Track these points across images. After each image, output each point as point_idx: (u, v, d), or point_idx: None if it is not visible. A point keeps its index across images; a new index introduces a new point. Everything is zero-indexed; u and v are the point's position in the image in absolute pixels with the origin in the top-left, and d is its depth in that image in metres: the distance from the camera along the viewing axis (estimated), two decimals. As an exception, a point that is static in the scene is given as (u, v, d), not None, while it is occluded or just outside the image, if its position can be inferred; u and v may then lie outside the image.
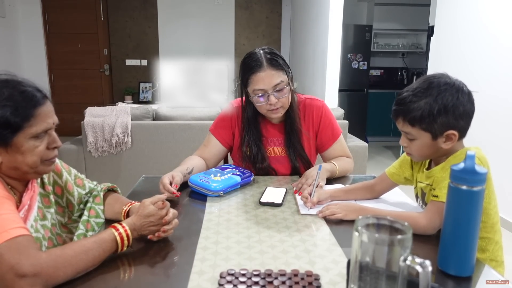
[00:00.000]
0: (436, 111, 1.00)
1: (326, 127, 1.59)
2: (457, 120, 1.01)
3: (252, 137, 1.55)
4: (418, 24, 5.94)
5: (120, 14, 6.15)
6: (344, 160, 1.59)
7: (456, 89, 1.01)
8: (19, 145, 0.90)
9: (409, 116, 1.03)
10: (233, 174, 1.43)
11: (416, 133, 1.05)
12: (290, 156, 1.57)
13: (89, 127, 2.98)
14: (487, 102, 3.05)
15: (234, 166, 1.53)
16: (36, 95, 0.92)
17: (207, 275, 0.85)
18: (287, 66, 1.47)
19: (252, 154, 1.55)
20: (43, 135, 0.93)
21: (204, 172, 1.44)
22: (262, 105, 1.46)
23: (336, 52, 4.07)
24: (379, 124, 5.79)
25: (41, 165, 0.95)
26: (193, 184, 1.38)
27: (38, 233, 0.96)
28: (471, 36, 3.27)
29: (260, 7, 6.35)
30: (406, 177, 1.25)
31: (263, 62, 1.41)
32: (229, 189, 1.36)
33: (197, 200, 1.33)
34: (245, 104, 1.56)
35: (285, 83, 1.43)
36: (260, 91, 1.42)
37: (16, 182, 0.97)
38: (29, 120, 0.89)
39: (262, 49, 1.46)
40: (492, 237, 1.09)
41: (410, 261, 0.63)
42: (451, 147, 1.05)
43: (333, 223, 1.13)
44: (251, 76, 1.42)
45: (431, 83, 1.02)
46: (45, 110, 0.93)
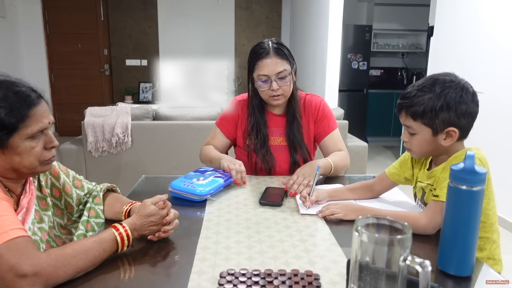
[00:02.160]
0: (439, 107, 1.01)
1: (323, 118, 1.66)
2: (458, 118, 1.02)
3: (256, 121, 1.63)
4: (418, 24, 5.94)
5: (120, 14, 6.15)
6: (339, 155, 1.62)
7: (461, 87, 1.02)
8: (15, 146, 0.89)
9: (411, 110, 1.06)
10: (215, 177, 1.39)
11: (417, 127, 1.07)
12: (289, 147, 1.63)
13: (89, 127, 2.98)
14: (486, 102, 3.04)
15: (212, 169, 1.49)
16: (31, 95, 0.91)
17: (207, 275, 0.85)
18: (292, 58, 1.56)
19: (256, 138, 1.62)
20: (39, 135, 0.93)
21: (184, 177, 1.40)
22: (265, 90, 1.53)
23: (336, 52, 4.08)
24: (379, 124, 5.79)
25: (39, 166, 0.95)
26: (175, 190, 1.32)
27: (36, 236, 0.95)
28: (470, 36, 3.27)
29: (260, 7, 6.35)
30: (406, 177, 1.26)
31: (269, 50, 1.51)
32: (213, 192, 1.32)
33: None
34: (252, 94, 1.64)
35: (288, 72, 1.51)
36: (264, 77, 1.51)
37: (14, 184, 0.96)
38: (24, 121, 0.89)
39: (270, 40, 1.56)
40: (490, 236, 1.10)
41: (410, 261, 0.63)
42: (450, 145, 1.06)
43: (333, 223, 1.13)
44: (257, 62, 1.52)
45: (436, 80, 1.04)
46: (40, 110, 0.92)
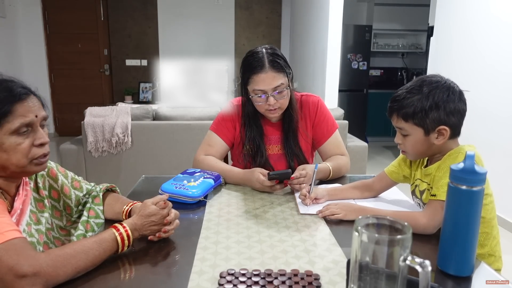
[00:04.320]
0: (428, 107, 1.05)
1: (321, 122, 1.61)
2: (448, 116, 1.05)
3: (253, 132, 1.56)
4: (418, 24, 5.94)
5: (120, 14, 6.15)
6: (339, 159, 1.59)
7: (447, 87, 1.06)
8: (0, 143, 0.87)
9: (402, 112, 1.09)
10: (205, 178, 1.37)
11: (409, 128, 1.09)
12: (286, 155, 1.58)
13: (89, 127, 2.98)
14: (486, 101, 3.06)
15: (199, 170, 1.45)
16: (15, 90, 0.88)
17: (207, 275, 0.85)
18: (288, 67, 1.48)
19: (254, 149, 1.57)
20: (26, 131, 0.90)
21: (174, 179, 1.36)
22: (261, 104, 1.47)
23: (336, 52, 4.08)
24: (379, 124, 5.79)
25: (29, 165, 0.91)
26: (167, 193, 1.27)
27: (33, 237, 0.94)
28: (470, 36, 3.27)
29: (260, 7, 6.35)
30: (404, 175, 1.28)
31: (265, 64, 1.42)
32: (205, 193, 1.31)
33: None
34: (245, 101, 1.57)
35: (285, 85, 1.45)
36: (260, 92, 1.44)
37: (7, 184, 0.94)
38: (6, 116, 0.86)
39: (264, 48, 1.46)
40: (490, 232, 1.11)
41: (410, 261, 0.63)
42: (443, 143, 1.09)
43: (333, 223, 1.13)
44: (252, 76, 1.44)
45: (423, 82, 1.08)
46: (26, 106, 0.89)
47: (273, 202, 1.30)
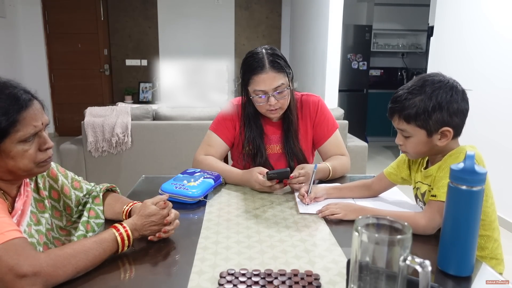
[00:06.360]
0: (431, 108, 1.02)
1: (321, 122, 1.61)
2: (451, 117, 1.02)
3: (253, 133, 1.56)
4: (418, 24, 5.94)
5: (120, 14, 6.15)
6: (339, 159, 1.58)
7: (450, 87, 1.03)
8: (8, 150, 0.88)
9: (404, 113, 1.05)
10: (205, 178, 1.37)
11: (411, 130, 1.06)
12: (286, 154, 1.58)
13: (89, 127, 2.98)
14: (487, 101, 3.06)
15: (199, 170, 1.45)
16: (21, 98, 0.89)
17: (207, 275, 0.85)
18: (288, 67, 1.48)
19: (254, 149, 1.56)
20: (32, 138, 0.91)
21: (174, 179, 1.36)
22: (262, 105, 1.48)
23: (336, 52, 4.08)
24: (379, 124, 5.79)
25: (35, 168, 0.93)
26: (167, 193, 1.26)
27: (33, 238, 0.95)
28: (470, 36, 3.27)
29: (260, 7, 6.35)
30: (403, 177, 1.26)
31: (265, 64, 1.42)
32: (205, 193, 1.31)
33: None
34: (245, 101, 1.57)
35: (285, 85, 1.45)
36: (261, 92, 1.44)
37: (9, 186, 0.95)
38: (15, 125, 0.87)
39: (264, 49, 1.46)
40: (490, 234, 1.10)
41: (410, 261, 0.63)
42: (446, 145, 1.06)
43: (333, 223, 1.13)
44: (253, 76, 1.44)
45: (425, 81, 1.04)
46: (31, 113, 0.90)
47: (273, 202, 1.30)
